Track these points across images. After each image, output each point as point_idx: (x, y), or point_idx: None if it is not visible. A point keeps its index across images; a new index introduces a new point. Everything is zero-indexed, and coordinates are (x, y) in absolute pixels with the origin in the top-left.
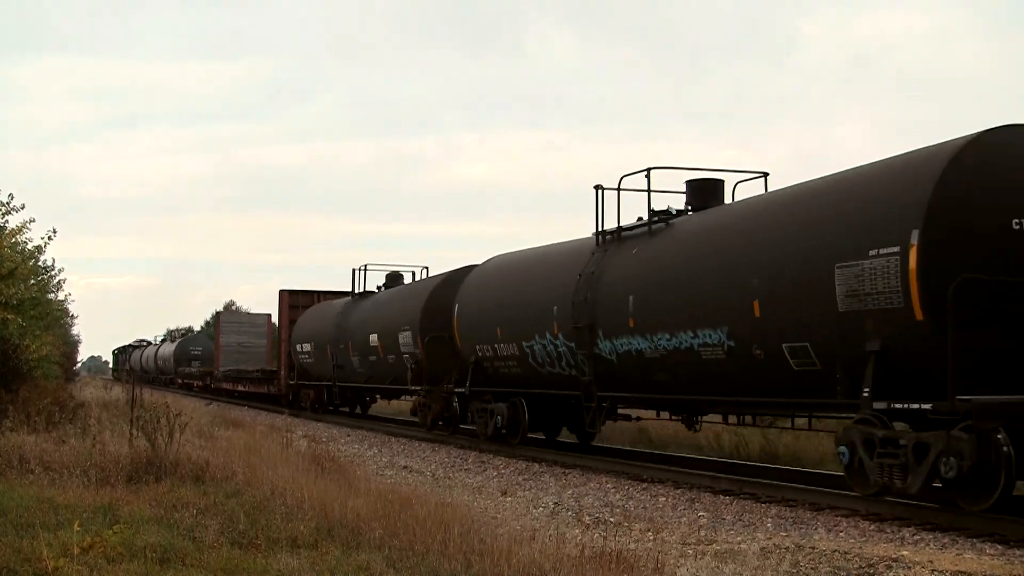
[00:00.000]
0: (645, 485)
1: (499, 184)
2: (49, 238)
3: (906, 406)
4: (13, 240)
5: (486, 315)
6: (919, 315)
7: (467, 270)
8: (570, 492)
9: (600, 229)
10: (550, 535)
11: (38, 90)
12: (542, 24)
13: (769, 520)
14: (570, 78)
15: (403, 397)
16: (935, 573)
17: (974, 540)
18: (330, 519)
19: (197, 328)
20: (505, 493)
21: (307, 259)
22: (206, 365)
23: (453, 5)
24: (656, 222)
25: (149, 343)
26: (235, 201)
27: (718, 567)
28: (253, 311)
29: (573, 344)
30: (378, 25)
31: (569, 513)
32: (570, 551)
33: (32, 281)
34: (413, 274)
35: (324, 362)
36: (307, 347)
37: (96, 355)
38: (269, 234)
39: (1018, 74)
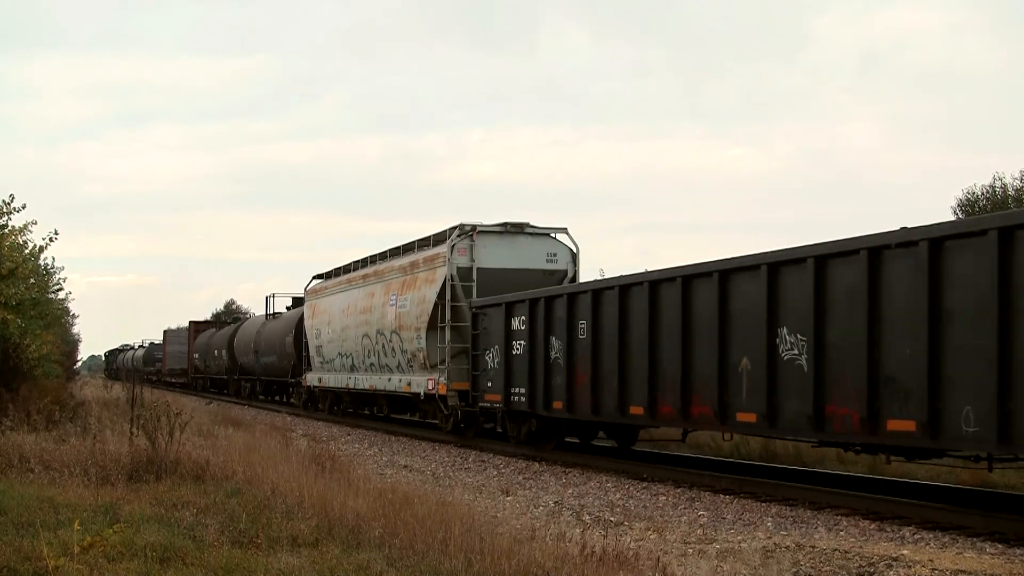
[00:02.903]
0: (645, 484)
1: (507, 182)
2: (50, 240)
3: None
4: (13, 240)
5: (242, 345)
6: (292, 353)
7: (242, 323)
8: (571, 491)
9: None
10: (551, 534)
11: (44, 87)
12: (554, 20)
13: (769, 519)
14: (581, 75)
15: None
16: (935, 572)
17: (974, 539)
18: (330, 518)
19: None
20: (506, 492)
21: (309, 257)
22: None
23: (462, 2)
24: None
25: (132, 347)
26: (240, 199)
27: (719, 566)
28: (254, 310)
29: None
30: (388, 21)
31: (570, 512)
32: (571, 550)
33: (32, 281)
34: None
35: (203, 363)
36: (197, 355)
37: (97, 354)
38: (272, 232)
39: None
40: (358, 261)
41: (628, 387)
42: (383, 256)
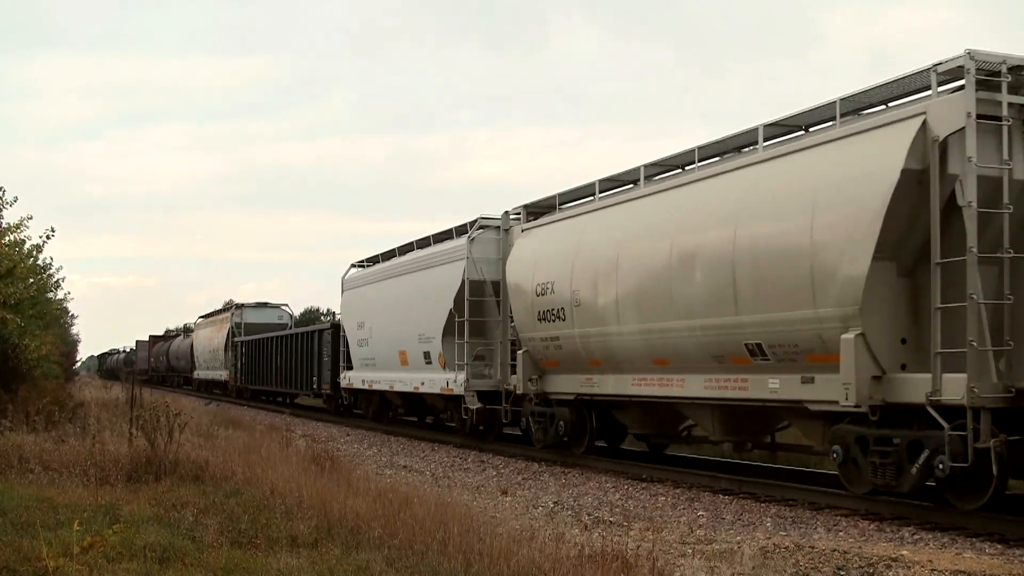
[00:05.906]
0: (644, 484)
1: (509, 182)
2: (48, 237)
3: None
4: (10, 238)
5: (172, 353)
6: (190, 359)
7: (174, 338)
8: (569, 492)
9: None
10: (549, 535)
11: (45, 87)
12: (558, 21)
13: (769, 519)
14: (584, 76)
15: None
16: (934, 572)
17: (973, 539)
18: (330, 518)
19: None
20: (505, 492)
21: (309, 257)
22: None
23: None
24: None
25: (119, 351)
26: (241, 199)
27: (717, 567)
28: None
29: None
30: (392, 22)
31: (568, 513)
32: (569, 551)
33: (31, 280)
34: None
35: (156, 364)
36: (152, 359)
37: (96, 354)
38: (273, 232)
39: None
40: (213, 311)
41: (264, 375)
42: (216, 312)
